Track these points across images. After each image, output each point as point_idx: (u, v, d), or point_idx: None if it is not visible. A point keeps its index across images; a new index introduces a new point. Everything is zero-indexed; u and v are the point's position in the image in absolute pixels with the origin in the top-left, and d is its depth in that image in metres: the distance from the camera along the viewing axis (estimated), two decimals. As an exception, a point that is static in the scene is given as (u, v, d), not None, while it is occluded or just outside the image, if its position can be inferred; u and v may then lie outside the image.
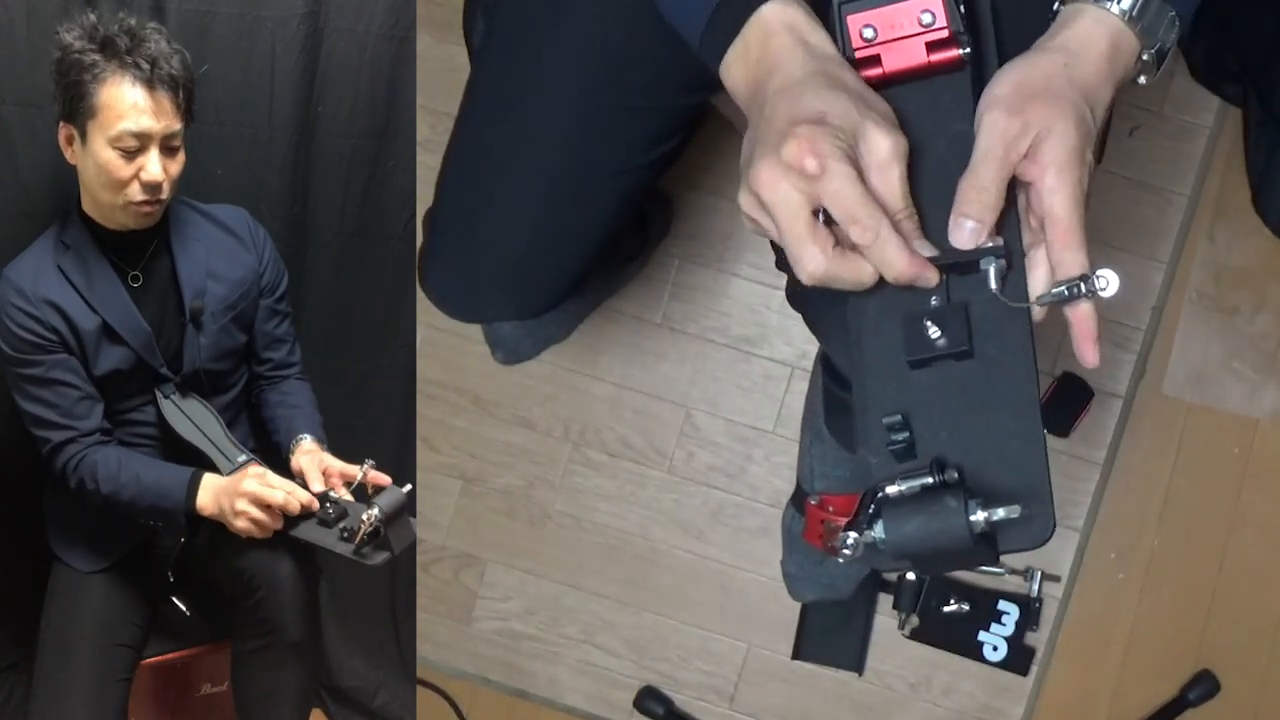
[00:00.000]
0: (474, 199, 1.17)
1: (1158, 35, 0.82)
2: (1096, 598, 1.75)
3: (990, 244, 0.79)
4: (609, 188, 1.17)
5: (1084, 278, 0.77)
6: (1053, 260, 0.79)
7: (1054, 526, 0.77)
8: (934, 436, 0.79)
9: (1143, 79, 0.84)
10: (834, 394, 1.47)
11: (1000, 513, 0.73)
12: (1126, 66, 0.82)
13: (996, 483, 0.77)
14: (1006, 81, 0.80)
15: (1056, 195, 0.77)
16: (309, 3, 1.56)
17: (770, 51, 0.81)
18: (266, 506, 1.29)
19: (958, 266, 0.79)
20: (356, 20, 1.60)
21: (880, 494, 0.76)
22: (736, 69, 0.83)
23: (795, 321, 1.76)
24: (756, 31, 0.81)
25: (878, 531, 0.75)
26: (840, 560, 0.77)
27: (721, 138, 1.71)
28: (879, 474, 0.79)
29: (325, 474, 1.35)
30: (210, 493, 1.32)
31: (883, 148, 0.77)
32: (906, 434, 0.79)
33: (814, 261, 0.76)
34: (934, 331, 0.78)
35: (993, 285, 0.78)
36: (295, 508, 1.30)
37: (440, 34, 1.75)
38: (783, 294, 1.74)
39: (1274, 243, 1.75)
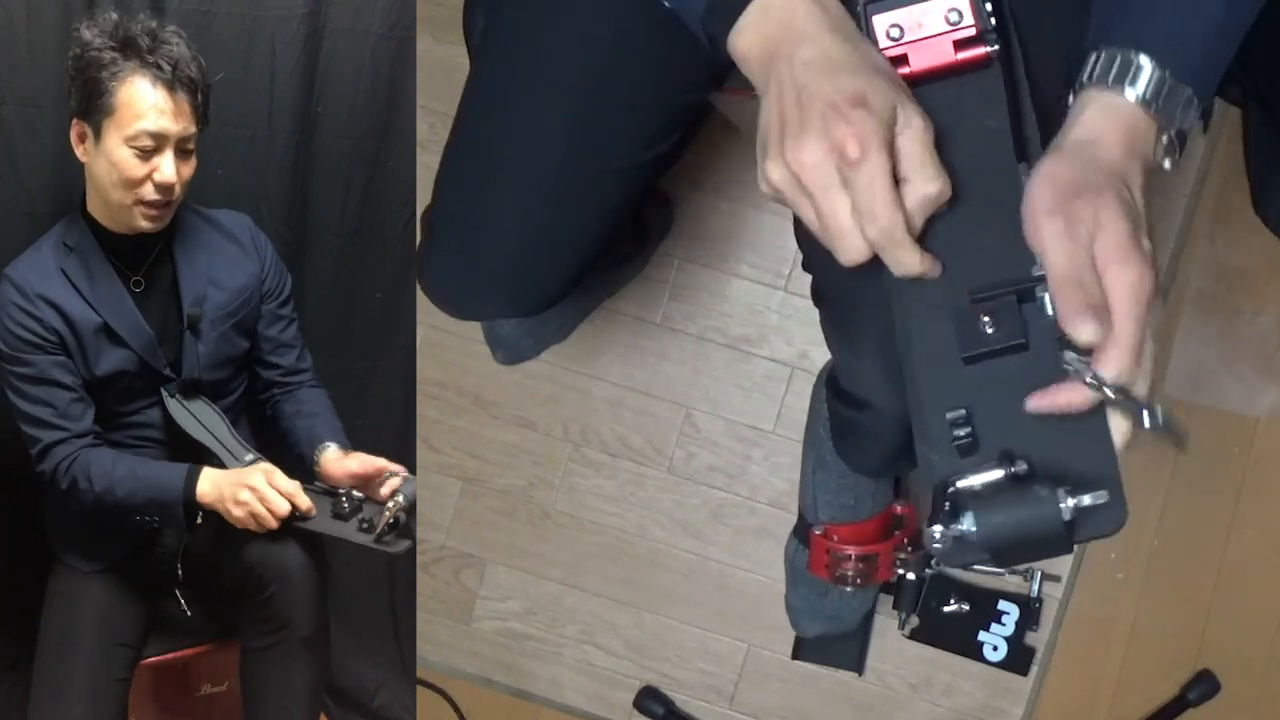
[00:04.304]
0: (471, 194, 1.17)
1: (1175, 116, 0.82)
2: (1096, 598, 1.75)
3: (1041, 273, 0.79)
4: (607, 185, 1.17)
5: (1124, 391, 0.76)
6: (1103, 357, 0.77)
7: (1127, 513, 0.78)
8: (996, 430, 0.79)
9: (1167, 164, 0.83)
10: (842, 415, 1.43)
11: (1087, 499, 0.73)
12: (1148, 150, 0.82)
13: (1065, 472, 0.77)
14: (1041, 187, 0.79)
15: (1114, 298, 0.77)
16: (309, 3, 1.56)
17: (795, 17, 0.80)
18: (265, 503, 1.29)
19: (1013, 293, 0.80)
20: (356, 20, 1.60)
21: (952, 489, 0.77)
22: (751, 33, 0.81)
23: (795, 321, 1.76)
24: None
25: (966, 524, 0.75)
26: (905, 569, 0.77)
27: (721, 138, 1.71)
28: (941, 470, 0.79)
29: (377, 471, 1.35)
30: (211, 480, 1.31)
31: (918, 122, 0.78)
32: (969, 429, 0.79)
33: (858, 250, 0.77)
34: (988, 326, 0.78)
35: (1049, 310, 0.79)
36: (284, 511, 1.30)
37: (440, 34, 1.75)
38: (783, 293, 1.74)
39: (1274, 243, 1.74)
